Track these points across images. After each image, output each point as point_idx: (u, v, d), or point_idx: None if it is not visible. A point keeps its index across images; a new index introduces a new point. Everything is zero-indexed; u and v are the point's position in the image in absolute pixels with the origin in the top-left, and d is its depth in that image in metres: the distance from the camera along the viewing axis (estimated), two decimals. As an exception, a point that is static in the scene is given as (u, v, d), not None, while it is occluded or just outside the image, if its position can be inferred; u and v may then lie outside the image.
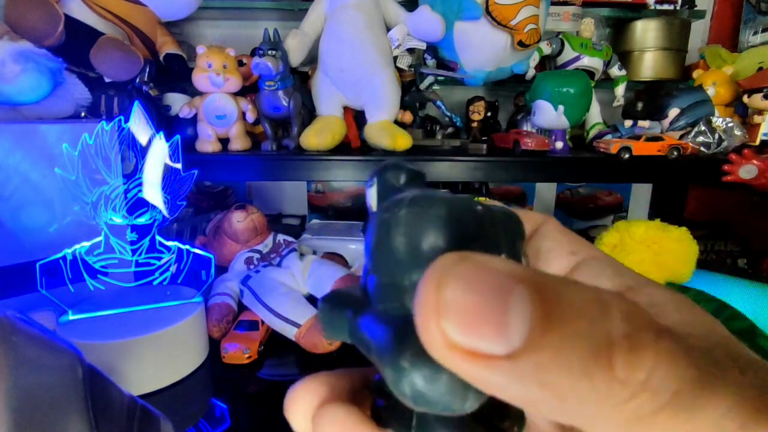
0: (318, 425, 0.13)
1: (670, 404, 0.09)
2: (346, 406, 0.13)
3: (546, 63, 0.98)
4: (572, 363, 0.08)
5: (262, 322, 0.64)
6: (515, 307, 0.08)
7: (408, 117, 0.84)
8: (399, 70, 0.82)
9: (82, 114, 0.69)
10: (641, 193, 1.25)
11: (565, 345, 0.08)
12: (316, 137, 0.75)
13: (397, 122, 0.81)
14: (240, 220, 0.78)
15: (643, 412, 0.09)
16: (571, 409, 0.09)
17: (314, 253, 0.83)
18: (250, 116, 0.79)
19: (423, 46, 0.81)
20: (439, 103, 0.87)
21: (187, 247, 0.61)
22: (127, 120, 0.56)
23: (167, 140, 0.58)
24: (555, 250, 0.15)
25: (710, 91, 0.86)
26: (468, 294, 0.08)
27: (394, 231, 0.11)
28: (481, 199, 0.14)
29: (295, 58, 0.79)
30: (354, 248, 0.86)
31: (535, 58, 0.92)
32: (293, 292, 0.68)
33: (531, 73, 0.93)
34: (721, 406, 0.09)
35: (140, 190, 0.57)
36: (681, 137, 0.82)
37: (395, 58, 0.81)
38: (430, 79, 0.86)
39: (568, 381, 0.08)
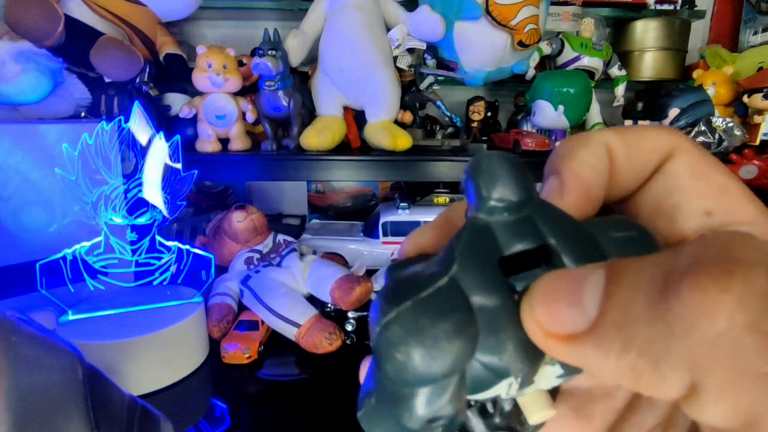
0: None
1: None
2: None
3: (546, 63, 0.98)
4: (642, 310, 0.08)
5: (262, 322, 0.64)
6: (588, 286, 0.09)
7: (408, 117, 0.84)
8: (399, 70, 0.82)
9: (82, 114, 0.69)
10: (641, 193, 1.25)
11: (631, 294, 0.08)
12: (316, 137, 0.75)
13: (397, 122, 0.81)
14: (240, 220, 0.78)
15: (747, 360, 0.07)
16: (665, 367, 0.08)
17: (314, 253, 0.82)
18: (250, 116, 0.79)
19: (423, 46, 0.81)
20: (439, 103, 0.87)
21: (187, 247, 0.61)
22: (127, 120, 0.56)
23: (167, 140, 0.58)
24: (683, 207, 0.11)
25: (710, 91, 0.86)
26: (549, 291, 0.09)
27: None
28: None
29: (295, 58, 0.79)
30: (354, 248, 0.86)
31: (535, 58, 0.92)
32: (293, 292, 0.68)
33: (531, 73, 0.93)
34: None
35: (140, 190, 0.57)
36: (681, 137, 0.82)
37: (395, 58, 0.81)
38: (430, 79, 0.86)
39: (646, 330, 0.08)
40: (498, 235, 0.11)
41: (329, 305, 0.70)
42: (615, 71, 0.97)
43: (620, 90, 0.98)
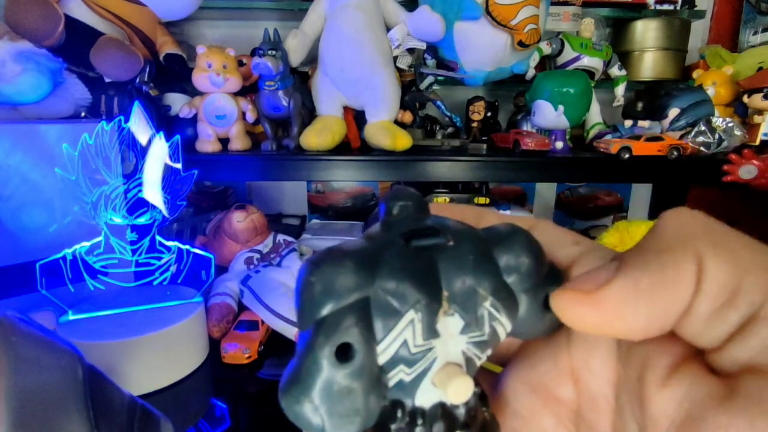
0: None
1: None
2: None
3: (546, 63, 0.98)
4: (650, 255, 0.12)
5: (262, 322, 0.64)
6: (604, 268, 0.12)
7: (408, 117, 0.84)
8: (399, 70, 0.82)
9: (82, 114, 0.69)
10: (641, 193, 1.25)
11: (639, 263, 0.12)
12: (316, 137, 0.75)
13: (397, 122, 0.81)
14: (240, 220, 0.78)
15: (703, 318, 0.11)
16: (677, 257, 0.11)
17: (314, 253, 0.82)
18: (250, 116, 0.79)
19: (423, 46, 0.81)
20: (439, 103, 0.87)
21: (187, 247, 0.61)
22: (127, 120, 0.56)
23: (167, 140, 0.58)
24: (558, 242, 0.15)
25: (710, 91, 0.86)
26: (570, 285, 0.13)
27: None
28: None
29: (295, 58, 0.79)
30: (354, 248, 0.86)
31: (535, 58, 0.92)
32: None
33: (531, 73, 0.92)
34: None
35: (140, 190, 0.57)
36: (681, 137, 0.82)
37: (395, 58, 0.81)
38: (430, 79, 0.86)
39: (655, 258, 0.11)
40: (400, 223, 0.14)
41: (329, 305, 0.70)
42: (615, 71, 0.97)
43: (620, 90, 0.98)
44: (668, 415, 0.11)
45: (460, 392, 0.12)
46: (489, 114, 1.00)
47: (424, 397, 0.12)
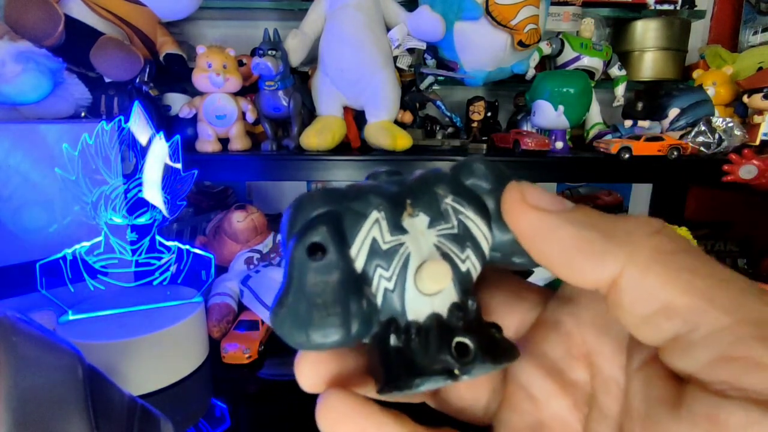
0: (319, 415, 0.14)
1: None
2: (342, 393, 0.14)
3: (546, 63, 0.98)
4: (603, 215, 0.13)
5: (262, 322, 0.64)
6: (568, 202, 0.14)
7: (408, 117, 0.84)
8: (399, 70, 0.82)
9: (82, 114, 0.69)
10: (641, 193, 1.25)
11: (598, 212, 0.13)
12: (316, 137, 0.75)
13: (397, 122, 0.81)
14: (240, 220, 0.78)
15: (665, 253, 0.12)
16: (612, 241, 0.12)
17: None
18: (250, 116, 0.79)
19: (423, 46, 0.81)
20: (439, 103, 0.87)
21: (187, 247, 0.61)
22: (127, 120, 0.56)
23: (167, 140, 0.58)
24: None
25: (710, 91, 0.86)
26: (536, 189, 0.14)
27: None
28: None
29: (295, 58, 0.79)
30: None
31: (535, 58, 0.92)
32: (293, 292, 0.68)
33: (531, 73, 0.93)
34: None
35: (140, 190, 0.57)
36: (681, 137, 0.82)
37: (395, 58, 0.81)
38: (430, 79, 0.86)
39: (604, 221, 0.12)
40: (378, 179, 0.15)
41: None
42: (615, 71, 0.97)
43: (620, 90, 0.98)
44: (635, 407, 0.12)
45: (434, 274, 0.13)
46: (489, 114, 0.99)
47: (416, 309, 0.13)
